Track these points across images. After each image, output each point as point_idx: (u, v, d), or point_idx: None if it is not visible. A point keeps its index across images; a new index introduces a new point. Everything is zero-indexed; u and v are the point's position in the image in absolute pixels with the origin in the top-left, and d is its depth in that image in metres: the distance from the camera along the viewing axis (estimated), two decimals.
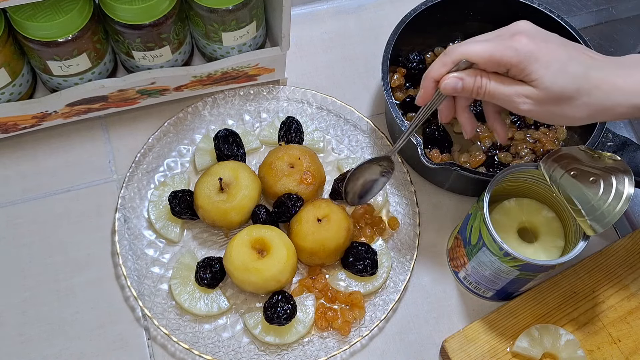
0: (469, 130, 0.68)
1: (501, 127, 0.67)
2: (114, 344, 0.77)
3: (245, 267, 0.73)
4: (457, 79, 0.61)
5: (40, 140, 0.87)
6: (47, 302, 0.78)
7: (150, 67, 0.81)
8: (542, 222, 0.74)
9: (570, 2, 1.01)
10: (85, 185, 0.85)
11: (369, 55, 0.95)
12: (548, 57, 0.57)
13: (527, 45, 0.57)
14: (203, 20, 0.78)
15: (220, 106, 0.88)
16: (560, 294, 0.77)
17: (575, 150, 0.68)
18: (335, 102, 0.88)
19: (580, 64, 0.58)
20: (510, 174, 0.71)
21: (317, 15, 0.99)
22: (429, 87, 0.63)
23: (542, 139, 0.84)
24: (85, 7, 0.73)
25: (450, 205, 0.85)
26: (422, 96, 0.64)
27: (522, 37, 0.58)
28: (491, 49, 0.58)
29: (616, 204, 0.64)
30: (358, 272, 0.77)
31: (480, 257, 0.72)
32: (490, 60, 0.59)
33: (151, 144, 0.84)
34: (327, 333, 0.76)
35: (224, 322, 0.77)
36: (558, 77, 0.57)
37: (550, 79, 0.57)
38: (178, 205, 0.79)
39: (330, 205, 0.77)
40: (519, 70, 0.58)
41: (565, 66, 0.57)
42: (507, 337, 0.75)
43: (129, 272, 0.77)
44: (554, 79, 0.57)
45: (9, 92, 0.79)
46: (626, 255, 0.80)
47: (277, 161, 0.80)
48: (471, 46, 0.60)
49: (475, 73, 0.60)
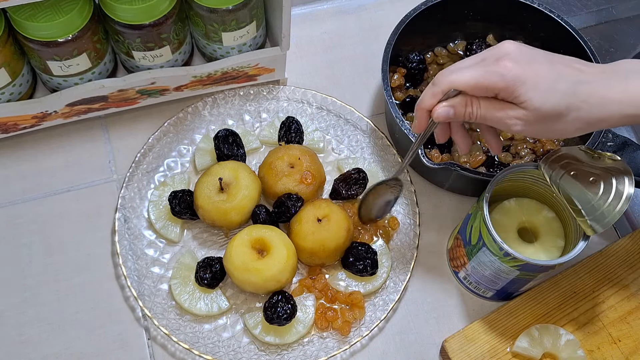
0: (463, 148, 0.69)
1: (495, 141, 0.68)
2: (114, 344, 0.77)
3: (245, 267, 0.73)
4: (448, 107, 0.62)
5: (41, 140, 0.87)
6: (47, 302, 0.78)
7: (150, 67, 0.81)
8: (542, 222, 0.74)
9: (570, 2, 1.01)
10: (85, 185, 0.85)
11: (369, 55, 0.95)
12: (535, 78, 0.58)
13: (512, 69, 0.58)
14: (203, 20, 0.78)
15: (220, 106, 0.88)
16: (560, 294, 0.77)
17: (575, 150, 0.68)
18: (335, 102, 0.88)
19: (567, 81, 0.58)
20: (510, 174, 0.71)
21: (317, 15, 0.99)
22: (422, 117, 0.65)
23: (542, 139, 0.84)
24: (85, 7, 0.73)
25: (450, 205, 0.85)
26: (417, 126, 0.66)
27: (506, 61, 0.58)
28: (477, 77, 0.59)
29: (616, 204, 0.64)
30: (358, 272, 0.77)
31: (480, 257, 0.72)
32: (478, 87, 0.59)
33: (151, 144, 0.84)
34: (327, 333, 0.77)
35: (224, 322, 0.77)
36: (547, 97, 0.58)
37: (539, 100, 0.58)
38: (178, 205, 0.79)
39: (331, 205, 0.77)
40: (507, 94, 0.59)
41: (553, 85, 0.58)
42: (507, 337, 0.75)
43: (129, 272, 0.77)
44: (543, 99, 0.58)
45: (9, 92, 0.79)
46: (626, 255, 0.80)
47: (277, 161, 0.80)
48: (458, 75, 0.60)
49: (465, 100, 0.61)
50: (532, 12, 0.85)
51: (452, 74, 0.61)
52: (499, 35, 0.91)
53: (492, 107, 0.60)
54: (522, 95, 0.58)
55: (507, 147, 0.85)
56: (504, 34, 0.90)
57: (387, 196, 0.78)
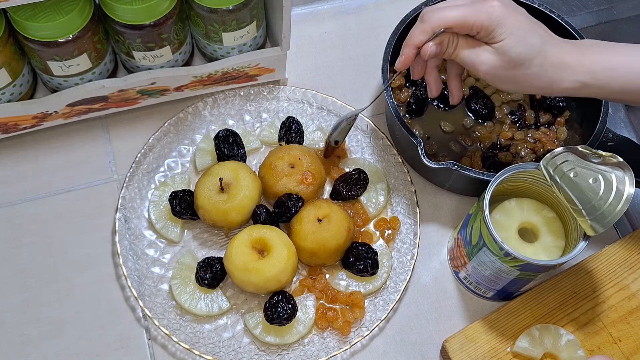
0: (434, 89, 0.74)
1: (457, 87, 0.75)
2: (115, 344, 0.77)
3: (246, 267, 0.73)
4: (437, 45, 0.67)
5: (41, 141, 0.87)
6: (48, 302, 0.78)
7: (151, 68, 0.81)
8: (543, 222, 0.74)
9: (570, 2, 1.01)
10: (85, 186, 0.85)
11: (369, 55, 0.95)
12: (514, 25, 0.64)
13: (498, 10, 0.64)
14: (203, 21, 0.78)
15: (220, 106, 0.88)
16: (561, 294, 0.77)
17: (575, 150, 0.68)
18: (335, 102, 0.88)
19: (539, 38, 0.65)
20: (511, 174, 0.71)
21: (317, 16, 0.99)
22: (410, 54, 0.69)
23: (542, 139, 0.84)
24: (85, 8, 0.73)
25: (450, 206, 0.85)
26: (402, 62, 0.70)
27: (495, 2, 0.64)
28: (466, 14, 0.64)
29: (617, 204, 0.64)
30: (358, 272, 0.77)
31: (480, 257, 0.72)
32: (464, 25, 0.65)
33: (151, 144, 0.84)
34: (327, 333, 0.77)
35: (224, 322, 0.77)
36: (518, 44, 0.64)
37: (510, 44, 0.64)
38: (178, 206, 0.79)
39: (331, 206, 0.77)
40: (486, 33, 0.64)
41: (527, 36, 0.64)
42: (507, 337, 0.75)
43: (129, 272, 0.77)
44: (513, 45, 0.64)
45: (10, 93, 0.79)
46: (627, 255, 0.80)
47: (277, 161, 0.80)
48: (447, 12, 0.65)
49: (450, 37, 0.66)
50: (532, 12, 0.84)
51: (441, 11, 0.66)
52: None
53: (467, 45, 0.66)
54: (498, 35, 0.64)
55: (507, 147, 0.85)
56: None
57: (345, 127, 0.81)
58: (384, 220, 0.82)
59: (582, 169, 0.67)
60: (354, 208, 0.82)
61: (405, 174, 0.84)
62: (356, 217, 0.81)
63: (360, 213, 0.81)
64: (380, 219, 0.82)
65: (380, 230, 0.82)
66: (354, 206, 0.82)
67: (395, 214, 0.83)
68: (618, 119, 0.89)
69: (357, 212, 0.81)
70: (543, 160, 0.69)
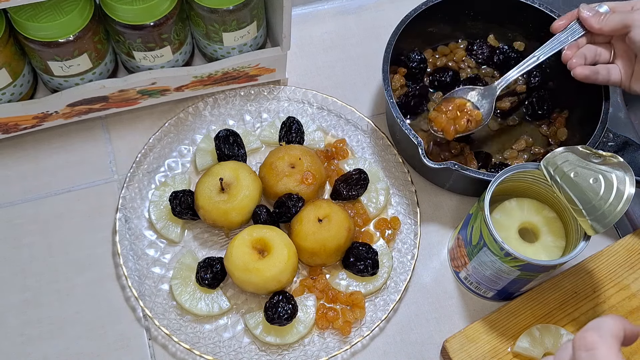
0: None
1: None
2: (115, 344, 0.77)
3: (246, 267, 0.73)
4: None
5: (41, 141, 0.87)
6: (48, 302, 0.78)
7: (151, 68, 0.81)
8: (543, 222, 0.74)
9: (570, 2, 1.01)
10: (86, 186, 0.85)
11: (369, 55, 0.95)
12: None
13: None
14: (204, 21, 0.78)
15: (220, 106, 0.88)
16: (561, 294, 0.77)
17: (575, 150, 0.68)
18: (335, 102, 0.88)
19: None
20: (511, 174, 0.71)
21: (317, 15, 0.99)
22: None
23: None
24: (86, 8, 0.73)
25: (450, 206, 0.85)
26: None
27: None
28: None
29: (617, 204, 0.64)
30: (359, 272, 0.77)
31: (481, 257, 0.72)
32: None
33: (152, 144, 0.84)
34: (327, 333, 0.77)
35: (224, 322, 0.77)
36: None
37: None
38: (179, 206, 0.79)
39: (331, 206, 0.77)
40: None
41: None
42: (508, 337, 0.75)
43: (129, 272, 0.77)
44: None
45: (10, 93, 0.79)
46: (627, 255, 0.80)
47: (277, 161, 0.80)
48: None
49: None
50: (533, 12, 0.85)
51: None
52: (499, 35, 0.91)
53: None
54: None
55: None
56: (505, 34, 0.90)
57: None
58: (384, 220, 0.82)
59: (583, 169, 0.67)
60: (354, 208, 0.82)
61: (405, 174, 0.84)
62: (356, 217, 0.81)
63: (360, 213, 0.81)
64: (380, 219, 0.82)
65: (381, 230, 0.82)
66: (354, 206, 0.82)
67: (395, 214, 0.83)
68: (618, 119, 0.89)
69: (358, 212, 0.81)
70: (543, 160, 0.69)
